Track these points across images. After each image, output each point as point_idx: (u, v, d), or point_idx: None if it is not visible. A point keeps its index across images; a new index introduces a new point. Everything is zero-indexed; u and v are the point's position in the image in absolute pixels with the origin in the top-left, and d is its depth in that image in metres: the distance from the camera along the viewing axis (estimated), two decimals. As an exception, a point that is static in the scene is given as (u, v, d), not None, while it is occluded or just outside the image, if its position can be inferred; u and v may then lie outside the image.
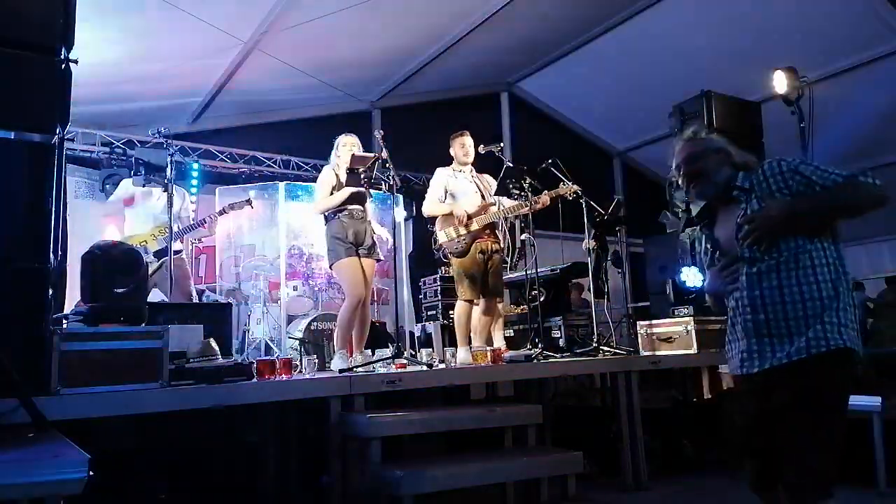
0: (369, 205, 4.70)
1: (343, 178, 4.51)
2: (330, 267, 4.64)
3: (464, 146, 4.98)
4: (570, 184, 4.95)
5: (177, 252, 5.09)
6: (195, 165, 6.92)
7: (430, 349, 5.41)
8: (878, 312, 7.77)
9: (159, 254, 5.02)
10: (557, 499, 3.70)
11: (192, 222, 5.36)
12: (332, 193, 4.51)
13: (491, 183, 5.01)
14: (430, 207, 5.00)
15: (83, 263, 3.28)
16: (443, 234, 4.93)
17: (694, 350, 4.79)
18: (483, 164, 5.15)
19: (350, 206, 4.49)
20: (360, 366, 4.12)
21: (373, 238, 4.62)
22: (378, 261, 4.73)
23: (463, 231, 4.85)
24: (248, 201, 5.65)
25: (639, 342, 5.19)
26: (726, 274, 2.19)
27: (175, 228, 4.98)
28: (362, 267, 4.45)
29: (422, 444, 3.94)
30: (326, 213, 4.54)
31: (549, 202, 4.90)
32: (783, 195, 2.06)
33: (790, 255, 2.06)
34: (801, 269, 2.04)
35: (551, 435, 4.50)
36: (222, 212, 5.49)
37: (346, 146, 4.57)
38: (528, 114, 9.66)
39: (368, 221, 4.61)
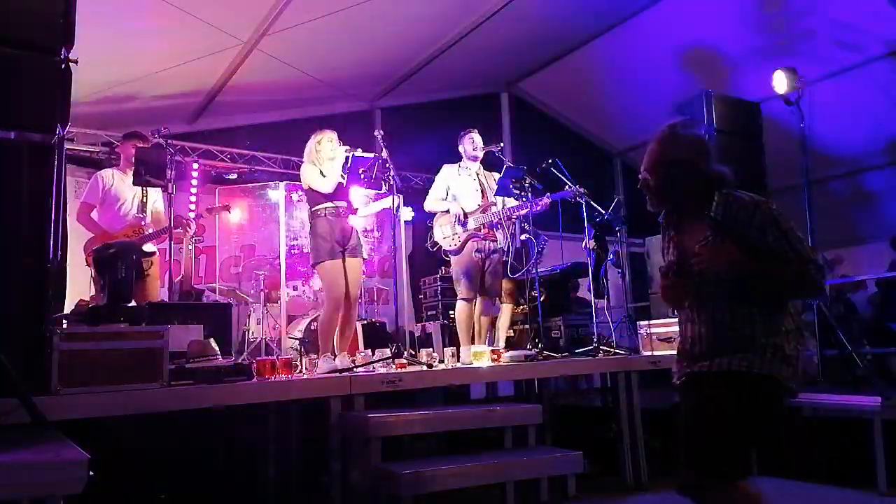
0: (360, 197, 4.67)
1: (324, 169, 4.43)
2: (312, 265, 4.62)
3: (472, 141, 5.05)
4: (574, 187, 4.97)
5: (149, 254, 4.78)
6: (195, 165, 6.92)
7: (430, 349, 5.41)
8: None
9: None
10: (557, 499, 3.70)
11: (166, 225, 4.97)
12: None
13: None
14: (430, 204, 5.10)
15: (101, 263, 3.29)
16: (438, 231, 4.98)
17: (694, 350, 4.77)
18: (483, 163, 5.16)
19: (337, 203, 4.44)
20: (360, 366, 4.12)
21: (358, 237, 4.56)
22: (364, 259, 4.66)
23: (458, 229, 4.87)
24: (227, 207, 5.55)
25: (639, 342, 5.19)
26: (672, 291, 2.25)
27: (150, 230, 4.81)
28: (345, 268, 4.39)
29: (422, 444, 3.95)
30: (313, 209, 4.45)
31: (549, 204, 4.91)
32: (750, 238, 2.07)
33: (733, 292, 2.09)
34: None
35: (551, 435, 4.50)
36: (198, 216, 5.25)
37: (332, 141, 4.47)
38: (528, 114, 9.66)
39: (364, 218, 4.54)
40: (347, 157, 4.44)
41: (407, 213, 5.25)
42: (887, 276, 6.36)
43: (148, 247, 4.81)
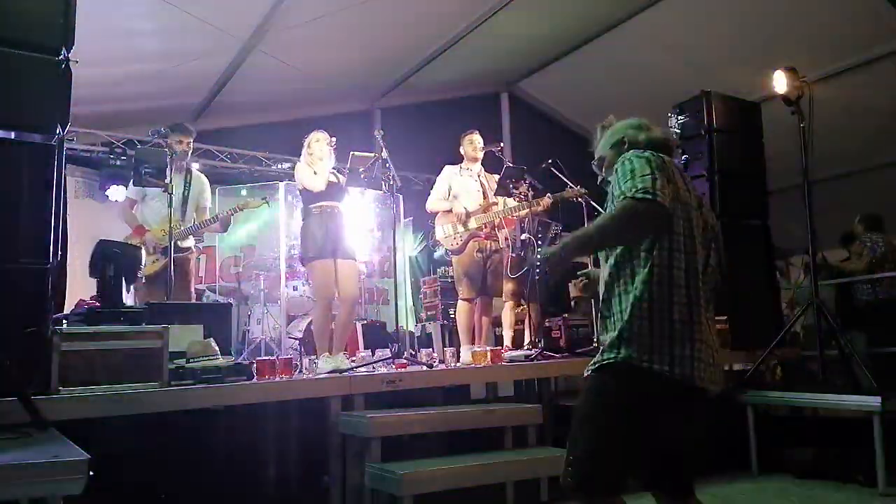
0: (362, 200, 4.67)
1: (317, 170, 4.42)
2: (301, 262, 4.63)
3: (472, 143, 5.07)
4: (576, 187, 4.97)
5: (185, 250, 4.77)
6: (195, 165, 6.90)
7: (430, 349, 5.41)
8: None
9: (165, 252, 4.59)
10: (557, 499, 3.69)
11: (208, 217, 5.00)
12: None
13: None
14: (432, 204, 5.10)
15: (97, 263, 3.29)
16: (440, 230, 4.98)
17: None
18: (483, 163, 5.17)
19: (329, 203, 4.44)
20: (360, 366, 4.12)
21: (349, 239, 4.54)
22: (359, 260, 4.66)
23: (460, 228, 4.87)
24: (265, 199, 5.33)
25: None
26: None
27: (190, 223, 4.77)
28: (338, 269, 4.35)
29: (422, 444, 3.94)
30: (306, 208, 4.45)
31: (550, 204, 4.91)
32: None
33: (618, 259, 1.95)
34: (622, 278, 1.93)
35: (551, 435, 4.50)
36: (236, 210, 5.09)
37: (320, 141, 4.48)
38: (528, 114, 9.65)
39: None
40: (350, 156, 4.46)
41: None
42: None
43: (187, 241, 4.80)
